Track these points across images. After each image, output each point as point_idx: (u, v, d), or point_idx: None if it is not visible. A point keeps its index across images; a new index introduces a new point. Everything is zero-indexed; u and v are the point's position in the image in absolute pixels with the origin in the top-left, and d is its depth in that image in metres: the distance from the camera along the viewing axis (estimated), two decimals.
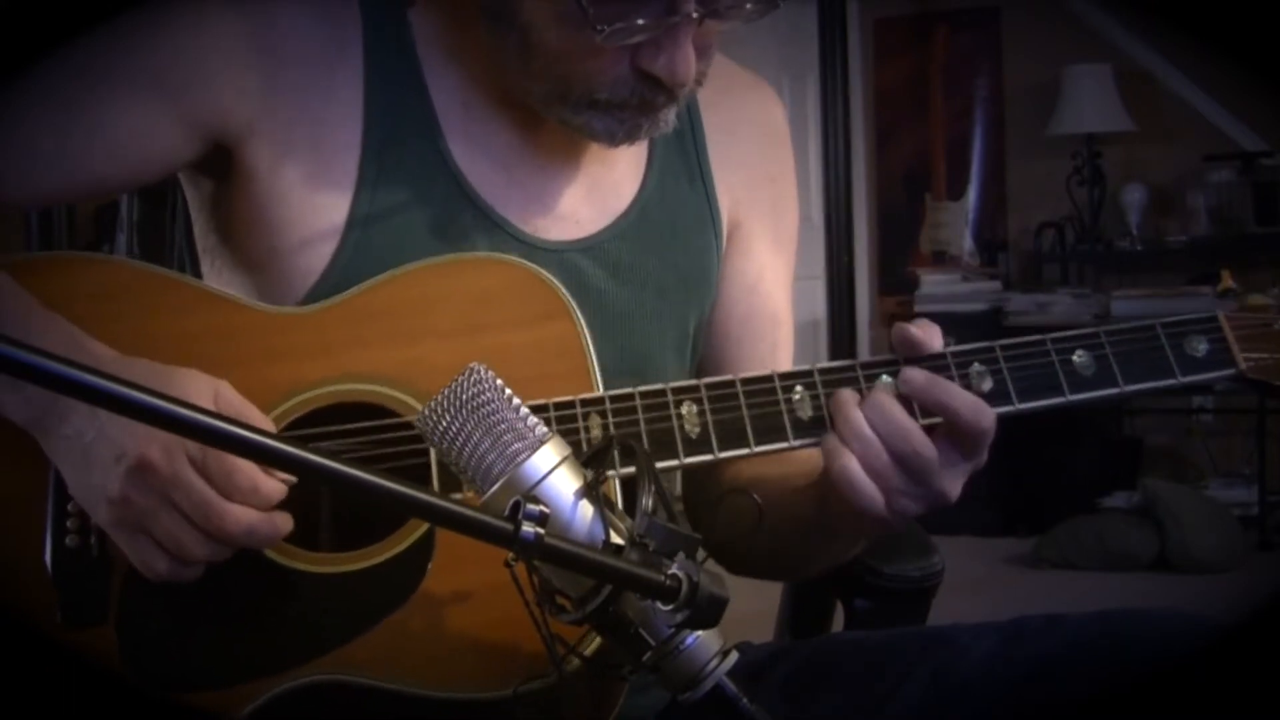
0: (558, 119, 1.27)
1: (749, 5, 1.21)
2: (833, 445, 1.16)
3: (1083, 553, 5.22)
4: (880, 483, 1.16)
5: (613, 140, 1.27)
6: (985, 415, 1.18)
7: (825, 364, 1.21)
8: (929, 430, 1.17)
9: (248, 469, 1.11)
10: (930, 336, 1.22)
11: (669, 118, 1.26)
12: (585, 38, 1.18)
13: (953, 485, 1.20)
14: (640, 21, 1.17)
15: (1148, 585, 4.95)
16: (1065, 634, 1.20)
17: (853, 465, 1.15)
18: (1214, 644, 1.14)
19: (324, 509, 1.22)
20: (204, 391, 1.13)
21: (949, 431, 1.18)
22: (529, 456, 0.95)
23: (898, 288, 6.68)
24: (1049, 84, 6.21)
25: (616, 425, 1.17)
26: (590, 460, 1.01)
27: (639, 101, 1.23)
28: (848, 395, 1.18)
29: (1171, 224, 6.24)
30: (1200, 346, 1.27)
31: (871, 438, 1.15)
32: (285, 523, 1.12)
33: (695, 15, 1.18)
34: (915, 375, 1.18)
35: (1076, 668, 1.17)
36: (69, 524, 1.16)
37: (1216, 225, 5.97)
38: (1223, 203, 5.97)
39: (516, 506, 0.89)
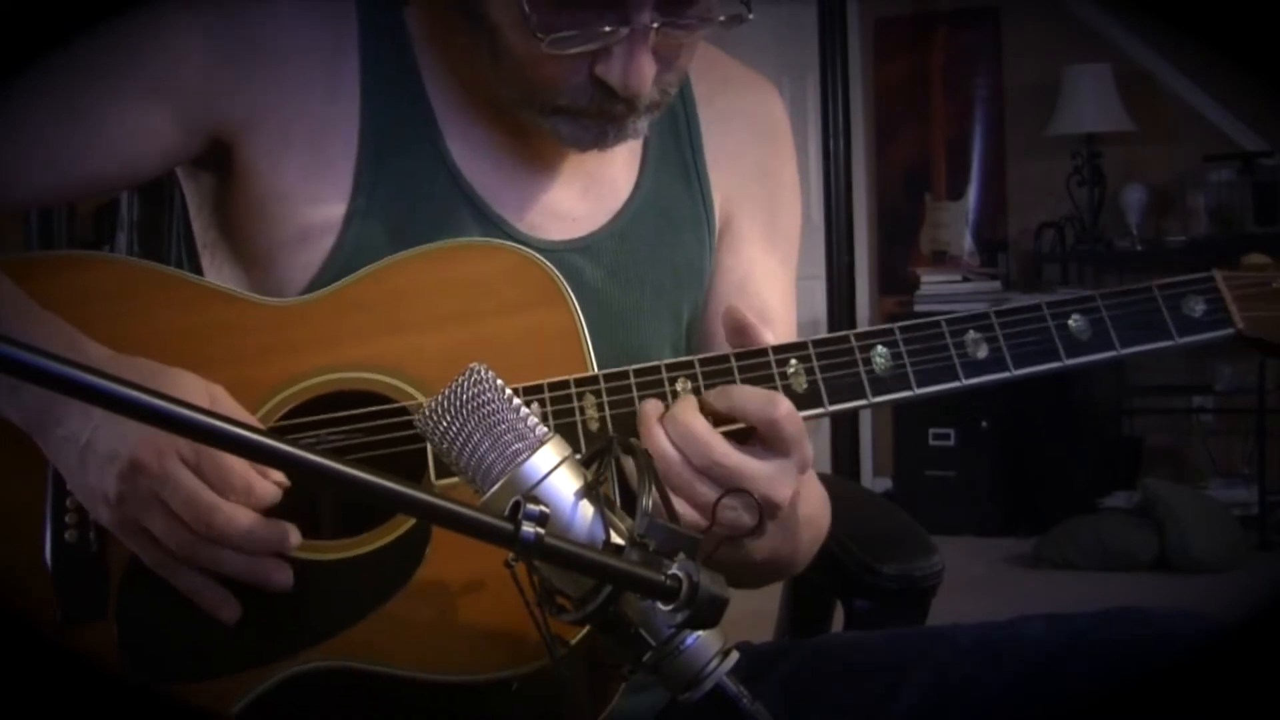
0: (529, 122, 1.27)
1: (717, 18, 1.21)
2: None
3: (1083, 553, 5.22)
4: (689, 497, 1.10)
5: (580, 146, 1.27)
6: (775, 406, 1.12)
7: (820, 336, 1.21)
8: (743, 436, 1.13)
9: (241, 468, 1.11)
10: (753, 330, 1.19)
11: (636, 126, 1.26)
12: (540, 45, 1.17)
13: (777, 488, 1.12)
14: (601, 29, 1.17)
15: (1148, 585, 4.95)
16: (1066, 633, 1.20)
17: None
18: (1215, 643, 1.14)
19: (321, 497, 1.23)
20: (199, 394, 1.14)
21: (757, 433, 1.13)
22: (529, 457, 0.95)
23: (898, 288, 6.68)
24: (1049, 84, 6.21)
25: (611, 404, 1.17)
26: (590, 460, 1.01)
27: (598, 110, 1.23)
28: (650, 408, 1.13)
29: (1171, 224, 6.24)
30: (1197, 307, 1.26)
31: (672, 454, 1.11)
32: (294, 535, 1.13)
33: (653, 26, 1.17)
34: (708, 394, 1.14)
35: (1077, 667, 1.17)
36: (67, 519, 1.17)
37: (1216, 225, 5.97)
38: (1223, 203, 5.97)
39: (516, 506, 0.89)
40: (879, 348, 1.21)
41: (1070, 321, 1.24)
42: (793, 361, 1.20)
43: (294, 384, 1.20)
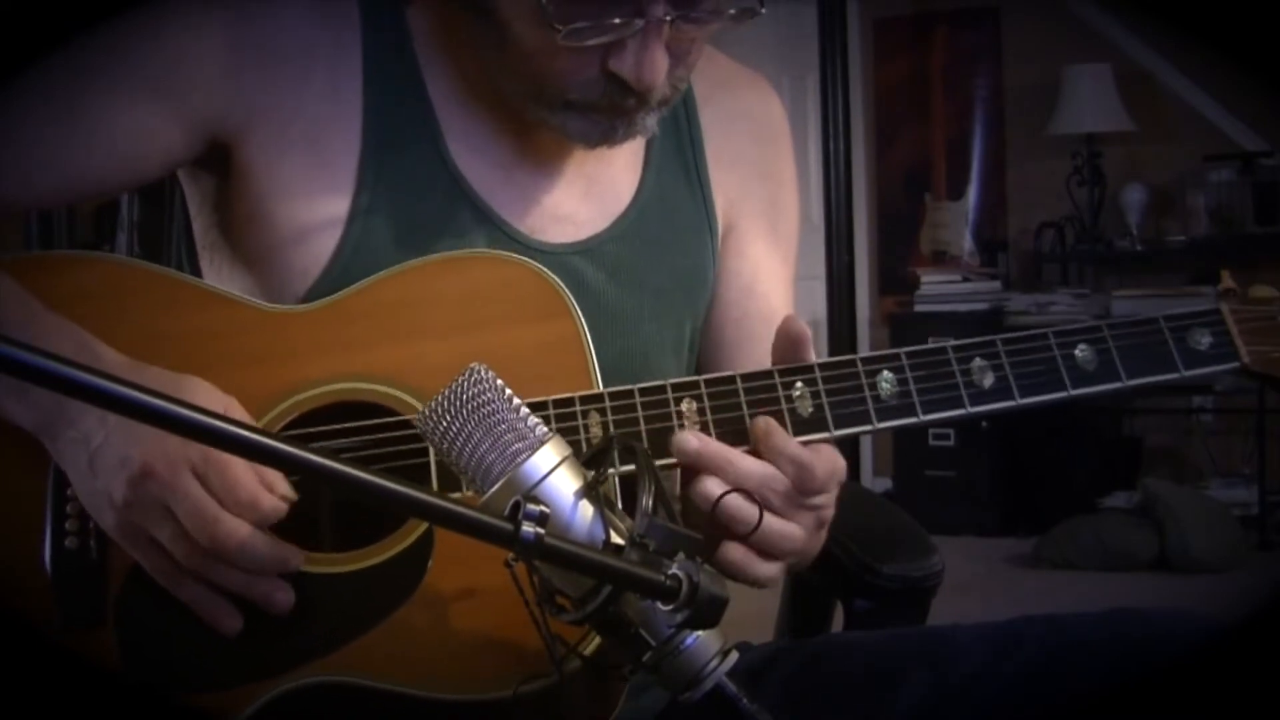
0: (536, 118, 1.26)
1: (729, 11, 1.21)
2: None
3: (1082, 553, 5.22)
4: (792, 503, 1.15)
5: (588, 142, 1.26)
6: (811, 477, 1.15)
7: (826, 359, 1.21)
8: None
9: (248, 482, 1.11)
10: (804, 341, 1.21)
11: (646, 122, 1.25)
12: (556, 37, 1.17)
13: (827, 513, 1.19)
14: (615, 21, 1.16)
15: (1148, 585, 4.95)
16: (1066, 634, 1.20)
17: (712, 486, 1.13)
18: (1215, 643, 1.14)
19: (323, 509, 1.22)
20: (215, 404, 1.14)
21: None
22: (529, 457, 0.95)
23: (898, 288, 6.68)
24: (1049, 84, 6.21)
25: (616, 423, 1.17)
26: (590, 460, 1.01)
27: (609, 104, 1.22)
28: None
29: (1171, 224, 6.23)
30: (1203, 340, 1.27)
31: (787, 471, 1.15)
32: (296, 557, 1.13)
33: (667, 19, 1.17)
34: (758, 424, 1.17)
35: (1077, 667, 1.17)
36: (68, 525, 1.16)
37: (1216, 225, 5.97)
38: (1223, 203, 5.97)
39: (516, 506, 0.89)
40: (885, 373, 1.21)
41: (1076, 351, 1.24)
42: (798, 385, 1.20)
43: (296, 394, 1.19)
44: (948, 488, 5.93)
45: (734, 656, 0.95)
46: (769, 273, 1.44)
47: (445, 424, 0.97)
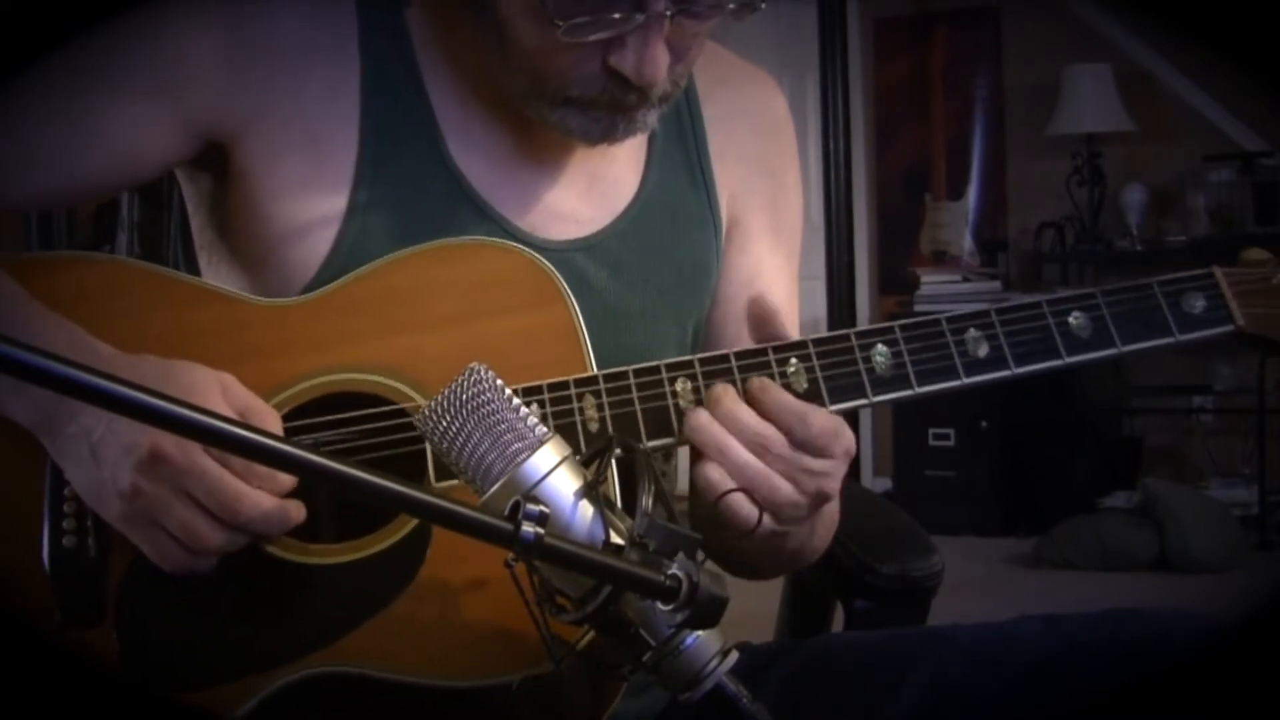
0: (536, 115, 1.26)
1: (729, 6, 1.21)
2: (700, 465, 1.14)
3: (1082, 553, 5.22)
4: (792, 471, 1.14)
5: (589, 139, 1.26)
6: (806, 426, 1.14)
7: (819, 335, 1.21)
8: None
9: None
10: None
11: (647, 118, 1.25)
12: (556, 33, 1.17)
13: (829, 483, 1.16)
14: (615, 16, 1.16)
15: (1148, 585, 4.95)
16: (1065, 634, 1.20)
17: (714, 474, 1.13)
18: (1215, 643, 1.14)
19: (321, 501, 1.22)
20: (210, 385, 1.14)
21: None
22: (529, 457, 0.95)
23: (898, 288, 6.68)
24: (1049, 84, 6.22)
25: (611, 405, 1.17)
26: (590, 460, 1.01)
27: (610, 100, 1.22)
28: (722, 390, 1.16)
29: (1171, 224, 6.24)
30: (1197, 303, 1.26)
31: (771, 431, 1.14)
32: (299, 511, 1.12)
33: (667, 14, 1.17)
34: (752, 383, 1.17)
35: (1076, 668, 1.17)
36: (65, 524, 1.16)
37: (1216, 225, 5.97)
38: (1223, 203, 5.97)
39: (516, 506, 0.89)
40: (879, 346, 1.21)
41: (1071, 319, 1.24)
42: (793, 360, 1.20)
43: (292, 385, 1.20)
44: (948, 488, 5.93)
45: (734, 656, 0.95)
46: (770, 269, 1.44)
47: (445, 424, 0.97)
